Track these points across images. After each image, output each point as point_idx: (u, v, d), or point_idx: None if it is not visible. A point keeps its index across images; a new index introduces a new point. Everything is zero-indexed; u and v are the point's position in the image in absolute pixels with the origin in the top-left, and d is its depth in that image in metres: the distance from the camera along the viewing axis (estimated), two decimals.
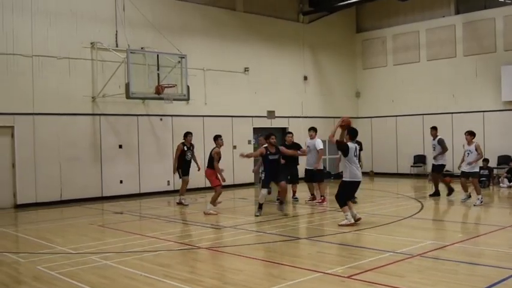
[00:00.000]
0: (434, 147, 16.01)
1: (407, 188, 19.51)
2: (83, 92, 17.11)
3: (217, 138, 13.96)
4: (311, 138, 15.09)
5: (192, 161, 15.50)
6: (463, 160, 14.71)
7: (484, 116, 21.67)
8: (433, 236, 9.92)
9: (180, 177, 15.52)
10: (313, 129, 15.29)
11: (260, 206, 13.03)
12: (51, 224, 13.02)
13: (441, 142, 15.87)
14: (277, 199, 14.02)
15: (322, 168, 15.27)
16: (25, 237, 11.10)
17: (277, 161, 13.01)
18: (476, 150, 14.18)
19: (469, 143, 14.34)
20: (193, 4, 20.08)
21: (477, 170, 14.42)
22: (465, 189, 14.60)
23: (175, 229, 12.18)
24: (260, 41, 22.11)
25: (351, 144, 11.17)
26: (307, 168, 15.11)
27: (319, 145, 14.83)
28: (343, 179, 11.20)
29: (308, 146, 15.03)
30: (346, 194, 11.31)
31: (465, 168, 14.39)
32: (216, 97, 20.38)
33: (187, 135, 15.52)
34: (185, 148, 15.34)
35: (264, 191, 12.95)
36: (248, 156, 14.08)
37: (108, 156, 17.62)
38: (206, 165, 14.26)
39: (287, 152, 13.47)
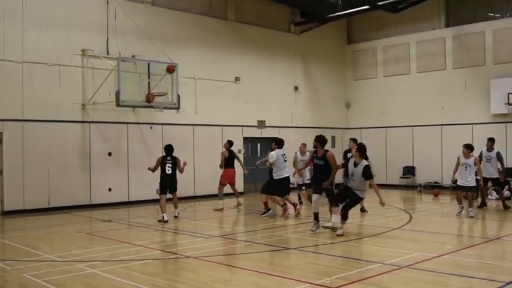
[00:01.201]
0: (489, 160, 15.76)
1: (397, 199, 19.57)
2: (73, 99, 17.07)
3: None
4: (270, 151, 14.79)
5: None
6: (455, 172, 14.50)
7: (473, 129, 21.81)
8: (421, 248, 9.93)
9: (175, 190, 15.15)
10: (274, 142, 14.89)
11: (316, 217, 11.86)
12: (38, 232, 12.93)
13: (500, 155, 15.81)
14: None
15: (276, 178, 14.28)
16: (12, 245, 11.01)
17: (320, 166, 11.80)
18: (475, 164, 13.94)
19: (467, 156, 13.99)
20: (185, 13, 20.12)
21: (475, 184, 14.13)
22: (460, 202, 14.34)
23: (164, 238, 12.13)
24: (251, 50, 22.17)
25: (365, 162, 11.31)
26: None
27: (270, 157, 14.33)
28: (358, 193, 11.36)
29: None
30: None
31: (462, 182, 14.03)
32: (206, 106, 20.39)
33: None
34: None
35: (315, 196, 11.91)
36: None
37: (97, 163, 17.55)
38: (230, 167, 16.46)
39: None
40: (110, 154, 17.88)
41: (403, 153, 23.89)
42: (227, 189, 16.73)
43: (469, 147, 14.11)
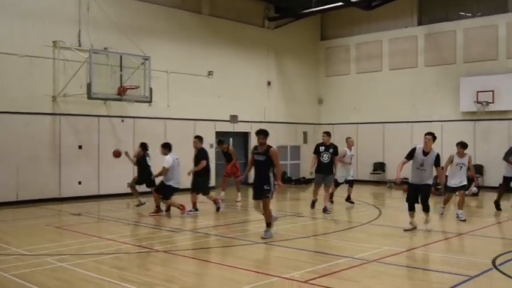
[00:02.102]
0: None
1: (366, 195, 19.77)
2: (43, 91, 16.82)
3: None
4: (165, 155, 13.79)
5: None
6: (445, 171, 13.43)
7: (443, 126, 22.09)
8: (389, 242, 10.06)
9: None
10: (163, 146, 13.94)
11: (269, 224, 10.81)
12: (6, 225, 12.74)
13: None
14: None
15: (168, 184, 13.64)
16: None
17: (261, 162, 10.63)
18: (469, 163, 13.26)
19: (461, 155, 13.05)
20: (159, 6, 19.97)
21: (466, 182, 13.42)
22: (446, 203, 13.82)
23: (134, 232, 12.08)
24: (225, 45, 22.12)
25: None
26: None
27: (166, 162, 13.51)
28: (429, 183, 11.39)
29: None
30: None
31: (455, 183, 13.17)
32: (179, 100, 20.28)
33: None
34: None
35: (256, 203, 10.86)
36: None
37: (67, 156, 17.34)
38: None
39: None
40: (80, 147, 17.68)
41: (374, 149, 24.12)
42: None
43: (464, 146, 13.24)
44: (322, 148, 14.32)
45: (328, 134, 14.71)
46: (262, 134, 10.63)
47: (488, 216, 14.52)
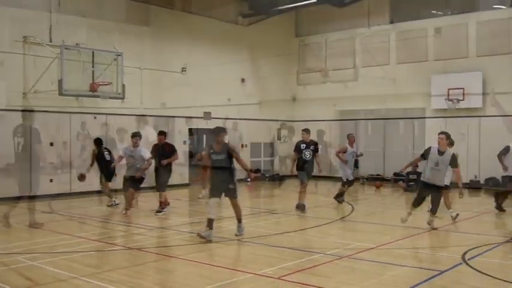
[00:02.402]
0: None
1: None
2: (13, 87, 16.55)
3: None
4: (135, 146, 13.54)
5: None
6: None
7: (414, 123, 22.37)
8: (361, 238, 10.18)
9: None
10: (138, 136, 13.70)
11: (210, 224, 10.14)
12: None
13: None
14: None
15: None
16: None
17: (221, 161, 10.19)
18: None
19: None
20: (131, 1, 19.79)
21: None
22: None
23: (107, 229, 11.99)
24: (199, 41, 22.03)
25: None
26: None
27: (147, 153, 13.53)
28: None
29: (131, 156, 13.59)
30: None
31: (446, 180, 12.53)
32: (152, 96, 20.14)
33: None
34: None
35: (213, 200, 10.35)
36: None
37: (38, 153, 17.08)
38: None
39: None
40: (51, 144, 17.46)
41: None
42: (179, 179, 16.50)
43: (452, 143, 12.79)
44: (303, 146, 14.15)
45: (307, 131, 14.52)
46: (224, 132, 10.33)
47: (458, 211, 14.72)
